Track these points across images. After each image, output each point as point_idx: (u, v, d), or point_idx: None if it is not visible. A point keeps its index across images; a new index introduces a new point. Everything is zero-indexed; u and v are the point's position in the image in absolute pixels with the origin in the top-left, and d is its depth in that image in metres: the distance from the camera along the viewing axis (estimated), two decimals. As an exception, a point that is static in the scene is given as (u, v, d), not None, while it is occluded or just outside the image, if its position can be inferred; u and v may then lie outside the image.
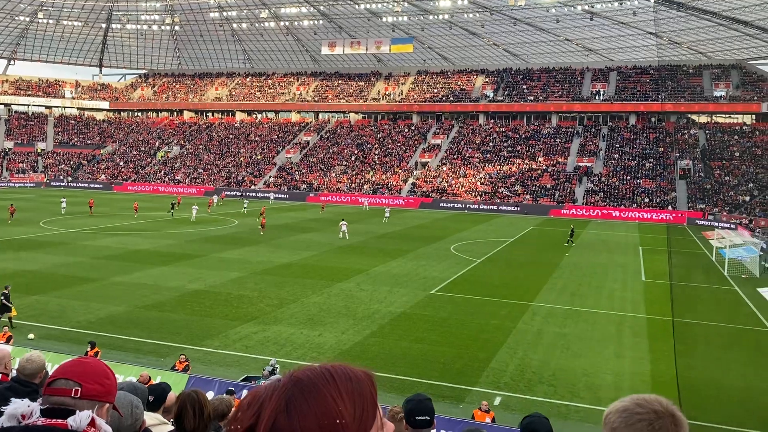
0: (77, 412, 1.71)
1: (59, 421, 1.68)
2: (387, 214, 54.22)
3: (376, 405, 1.15)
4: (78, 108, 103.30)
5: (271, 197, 70.37)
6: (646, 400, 1.58)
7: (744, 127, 74.27)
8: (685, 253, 40.80)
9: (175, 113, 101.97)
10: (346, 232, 41.38)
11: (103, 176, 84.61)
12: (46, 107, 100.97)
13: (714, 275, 33.19)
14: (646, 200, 64.12)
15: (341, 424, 1.08)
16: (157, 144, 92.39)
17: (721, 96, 76.04)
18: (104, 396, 1.90)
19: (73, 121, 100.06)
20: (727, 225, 51.73)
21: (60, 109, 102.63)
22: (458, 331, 21.04)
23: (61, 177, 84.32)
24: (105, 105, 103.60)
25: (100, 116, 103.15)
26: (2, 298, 19.96)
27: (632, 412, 1.56)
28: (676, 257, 38.12)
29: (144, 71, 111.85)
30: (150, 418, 4.36)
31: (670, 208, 62.32)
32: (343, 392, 1.11)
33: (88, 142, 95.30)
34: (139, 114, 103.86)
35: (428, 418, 4.14)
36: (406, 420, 4.17)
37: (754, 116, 75.25)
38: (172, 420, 4.56)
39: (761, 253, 35.16)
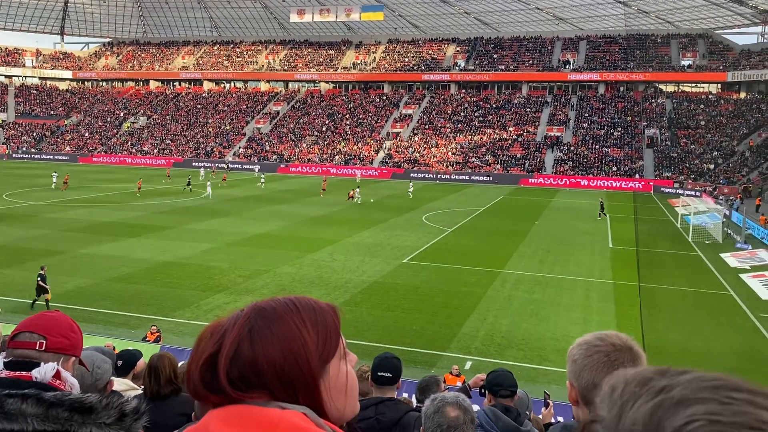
0: (42, 364, 1.70)
1: (23, 373, 1.67)
2: (411, 189, 50.69)
3: (340, 334, 1.17)
4: (40, 77, 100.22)
5: (256, 170, 68.05)
6: (607, 335, 1.65)
7: (710, 96, 75.39)
8: (651, 220, 41.62)
9: (140, 83, 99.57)
10: (358, 197, 45.02)
11: (67, 148, 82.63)
12: (6, 77, 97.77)
13: (679, 241, 33.96)
14: (614, 169, 64.99)
15: (305, 351, 1.09)
16: (123, 114, 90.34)
17: (688, 65, 76.96)
18: (70, 349, 1.88)
19: (35, 91, 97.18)
20: (692, 192, 52.81)
21: (21, 78, 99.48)
22: (430, 299, 21.29)
23: (24, 148, 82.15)
24: (68, 74, 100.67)
25: (63, 86, 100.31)
26: (38, 279, 19.38)
27: (591, 344, 1.62)
28: (643, 224, 38.89)
29: (108, 39, 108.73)
30: (119, 383, 4.36)
31: (637, 176, 63.29)
32: (306, 320, 1.12)
33: (52, 112, 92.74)
34: (104, 84, 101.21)
35: (390, 375, 4.17)
36: (371, 376, 4.22)
37: (719, 85, 76.36)
38: (142, 386, 4.58)
39: (724, 220, 36.07)
